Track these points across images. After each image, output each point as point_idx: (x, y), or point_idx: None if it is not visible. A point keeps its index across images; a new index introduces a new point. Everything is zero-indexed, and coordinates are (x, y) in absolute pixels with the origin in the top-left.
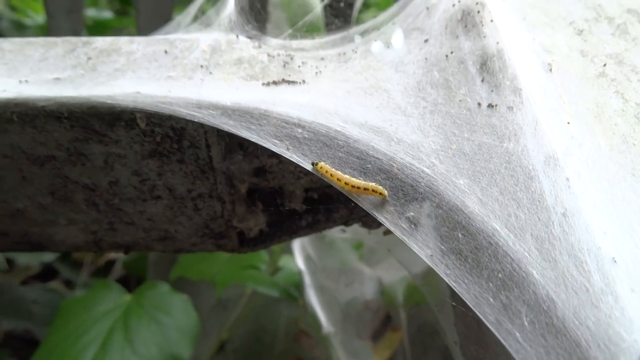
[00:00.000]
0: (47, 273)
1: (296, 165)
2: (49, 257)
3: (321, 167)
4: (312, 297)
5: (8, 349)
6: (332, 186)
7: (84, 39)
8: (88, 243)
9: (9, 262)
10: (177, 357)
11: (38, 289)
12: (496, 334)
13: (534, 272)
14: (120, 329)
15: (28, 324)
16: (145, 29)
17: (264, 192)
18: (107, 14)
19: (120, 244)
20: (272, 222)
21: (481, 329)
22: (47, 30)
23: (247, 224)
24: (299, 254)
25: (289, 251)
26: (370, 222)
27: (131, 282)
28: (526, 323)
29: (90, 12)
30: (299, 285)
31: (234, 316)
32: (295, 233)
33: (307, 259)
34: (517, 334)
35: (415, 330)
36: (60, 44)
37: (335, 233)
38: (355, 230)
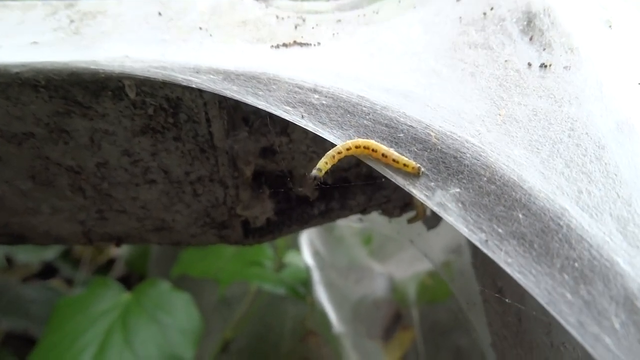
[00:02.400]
0: (47, 271)
1: (308, 145)
2: (49, 254)
3: (327, 163)
4: (321, 295)
5: (9, 347)
6: (348, 169)
7: (67, 1)
8: (76, 234)
9: (9, 260)
10: (178, 358)
11: (38, 288)
12: (580, 340)
13: (620, 260)
14: (119, 330)
15: (28, 323)
16: None
17: (272, 175)
18: None
19: (112, 235)
20: (281, 210)
21: (523, 328)
22: None
23: (253, 212)
24: (307, 248)
25: (294, 246)
26: (391, 210)
27: (133, 280)
28: (617, 325)
29: None
30: (305, 282)
31: (238, 314)
32: (307, 222)
33: (316, 254)
34: (607, 340)
35: (428, 329)
36: (40, 7)
37: (349, 223)
38: (373, 219)
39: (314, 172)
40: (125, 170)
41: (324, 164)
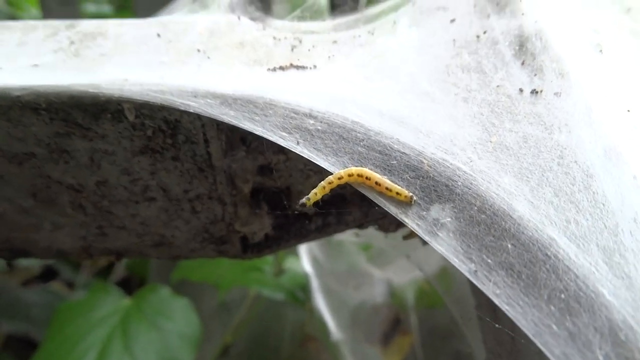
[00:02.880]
0: (47, 274)
1: (305, 163)
2: None
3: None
4: (320, 301)
5: (9, 351)
6: (344, 186)
7: (68, 22)
8: (76, 249)
9: (9, 263)
10: None
11: (38, 291)
12: None
13: (605, 292)
14: (119, 335)
15: (29, 326)
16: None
17: (270, 192)
18: (106, 8)
19: (112, 250)
20: (279, 226)
21: (517, 347)
22: None
23: (251, 228)
24: (306, 256)
25: (294, 252)
26: (387, 225)
27: (133, 283)
28: (601, 358)
29: (90, 7)
30: (304, 288)
31: (237, 319)
32: (304, 237)
33: (314, 261)
34: None
35: (427, 334)
36: (40, 28)
37: (346, 236)
38: (370, 233)
39: (304, 200)
40: (125, 189)
41: (314, 194)
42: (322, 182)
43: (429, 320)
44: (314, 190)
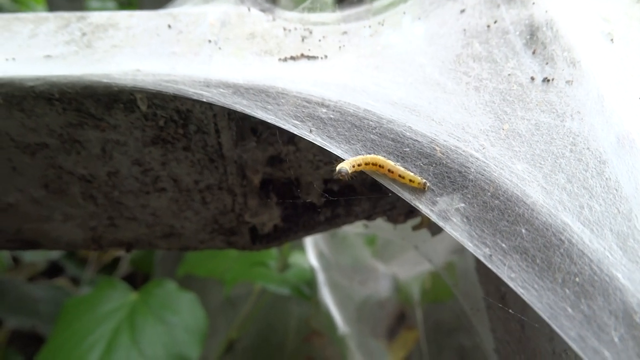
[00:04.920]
0: (53, 270)
1: (315, 154)
2: (54, 254)
3: (353, 166)
4: (326, 296)
5: (15, 346)
6: (354, 177)
7: (79, 13)
8: (87, 240)
9: (15, 259)
10: (185, 357)
11: (44, 287)
12: (580, 353)
13: (619, 275)
14: (126, 329)
15: (34, 321)
16: None
17: (279, 183)
18: (110, 5)
19: (122, 241)
20: (288, 217)
21: (526, 335)
22: None
23: (261, 219)
24: (311, 250)
25: (299, 247)
26: (396, 216)
27: (138, 279)
28: (616, 339)
29: (95, 4)
30: (310, 283)
31: (242, 314)
32: (313, 228)
33: (320, 255)
34: (606, 353)
35: (432, 329)
36: (52, 20)
37: (354, 229)
38: (378, 225)
39: (343, 168)
40: (136, 179)
41: (352, 165)
42: (351, 160)
43: (434, 315)
44: (350, 163)
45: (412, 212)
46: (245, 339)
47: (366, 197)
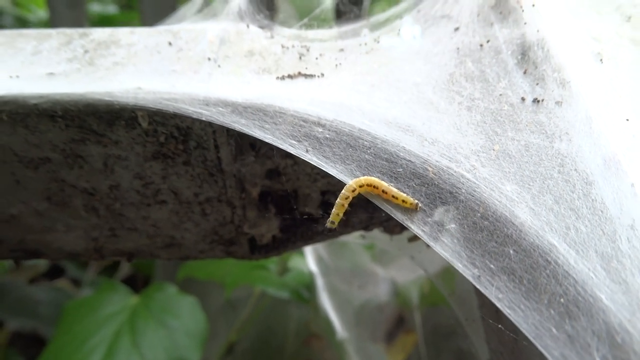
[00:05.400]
0: (54, 272)
1: (312, 167)
2: None
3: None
4: (325, 300)
5: (15, 348)
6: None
7: (81, 30)
8: (88, 250)
9: (16, 261)
10: None
11: (45, 288)
12: None
13: (603, 296)
14: (127, 333)
15: (35, 323)
16: (149, 22)
17: (277, 195)
18: (111, 9)
19: (123, 251)
20: (286, 228)
21: (519, 347)
22: (50, 25)
23: (259, 230)
24: (311, 255)
25: (299, 251)
26: (392, 228)
27: (138, 280)
28: (598, 359)
29: (96, 7)
30: (309, 286)
31: (242, 317)
32: (311, 239)
33: (319, 260)
34: None
35: (430, 333)
36: (54, 36)
37: (351, 239)
38: (375, 235)
39: (328, 224)
40: (137, 192)
41: (336, 215)
42: (338, 200)
43: (433, 319)
44: (335, 211)
45: None
46: (245, 342)
47: (363, 208)
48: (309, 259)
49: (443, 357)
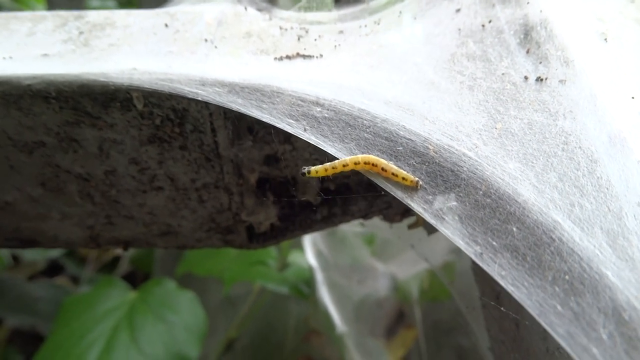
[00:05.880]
0: (52, 269)
1: (311, 153)
2: (54, 253)
3: (317, 172)
4: (324, 295)
5: (15, 345)
6: (350, 176)
7: (76, 12)
8: (84, 239)
9: (15, 258)
10: (184, 356)
11: (44, 285)
12: (569, 350)
13: (609, 273)
14: (125, 328)
15: (34, 320)
16: None
17: (276, 182)
18: (110, 5)
19: (119, 239)
20: (284, 216)
21: (520, 334)
22: None
23: (257, 218)
24: (310, 249)
25: (298, 246)
26: (392, 216)
27: (137, 278)
28: (604, 336)
29: (95, 4)
30: (308, 282)
31: (242, 313)
32: (310, 227)
33: (319, 254)
34: (595, 350)
35: (430, 328)
36: (50, 18)
37: (351, 228)
38: (374, 224)
39: (304, 170)
40: (133, 178)
41: (315, 171)
42: (328, 163)
43: (433, 314)
44: (317, 167)
45: (407, 211)
46: (245, 338)
47: (362, 195)
48: (309, 253)
49: (443, 353)
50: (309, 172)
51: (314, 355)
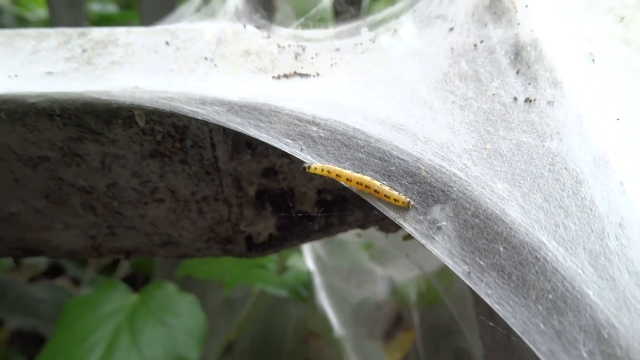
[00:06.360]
0: (53, 270)
1: None
2: None
3: (315, 168)
4: (323, 298)
5: (16, 346)
6: (347, 188)
7: (79, 30)
8: (86, 248)
9: (16, 260)
10: (184, 359)
11: (45, 287)
12: None
13: (590, 292)
14: (126, 331)
15: (35, 321)
16: (148, 21)
17: (274, 193)
18: (111, 8)
19: (121, 249)
20: (282, 226)
21: (512, 344)
22: (49, 24)
23: (256, 228)
24: (309, 253)
25: (297, 250)
26: (388, 226)
27: (138, 279)
28: (584, 354)
29: (95, 7)
30: (307, 285)
31: (241, 316)
32: (307, 237)
33: (317, 258)
34: None
35: (428, 331)
36: (53, 36)
37: (348, 237)
38: (371, 233)
39: (305, 165)
40: (135, 190)
41: (314, 168)
42: (327, 165)
43: (431, 317)
44: (320, 165)
45: None
46: (244, 340)
47: (359, 206)
48: (307, 257)
49: (441, 356)
50: (309, 167)
51: (312, 358)
